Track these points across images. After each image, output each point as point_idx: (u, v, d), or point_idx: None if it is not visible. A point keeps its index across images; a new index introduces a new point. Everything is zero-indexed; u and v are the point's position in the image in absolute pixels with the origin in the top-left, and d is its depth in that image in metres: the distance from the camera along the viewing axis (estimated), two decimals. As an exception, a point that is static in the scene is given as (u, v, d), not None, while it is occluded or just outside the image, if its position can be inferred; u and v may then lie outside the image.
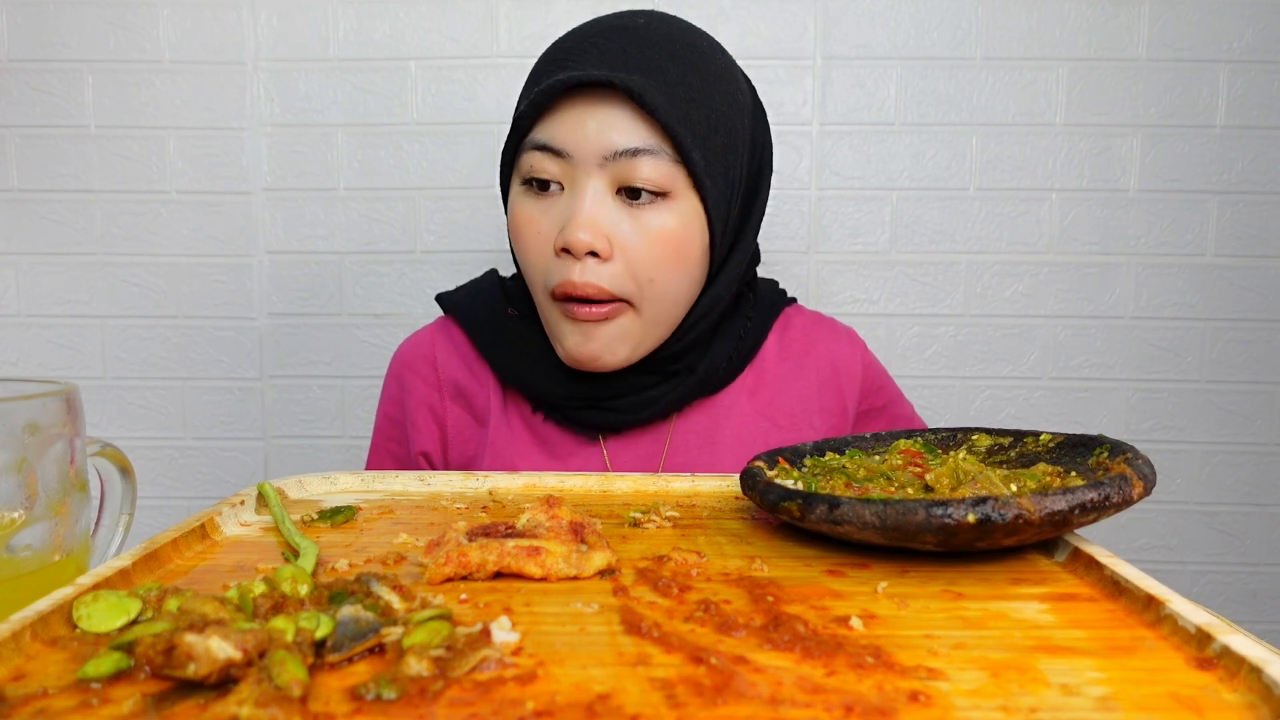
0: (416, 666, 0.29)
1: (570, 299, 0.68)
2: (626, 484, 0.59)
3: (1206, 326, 1.21)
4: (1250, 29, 1.16)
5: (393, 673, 0.29)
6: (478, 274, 0.86)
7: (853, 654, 0.31)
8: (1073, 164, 1.19)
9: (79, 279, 1.22)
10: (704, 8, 1.18)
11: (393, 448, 0.83)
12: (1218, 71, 1.17)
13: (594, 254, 0.66)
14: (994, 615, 0.36)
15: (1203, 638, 0.31)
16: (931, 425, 1.14)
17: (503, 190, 0.74)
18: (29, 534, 0.40)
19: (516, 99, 1.18)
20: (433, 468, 0.81)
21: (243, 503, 0.51)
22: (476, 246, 1.21)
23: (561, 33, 1.19)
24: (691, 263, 0.69)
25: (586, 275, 0.66)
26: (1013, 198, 1.20)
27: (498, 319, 0.79)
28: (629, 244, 0.67)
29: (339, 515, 0.50)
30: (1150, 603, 0.35)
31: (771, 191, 1.08)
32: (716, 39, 0.72)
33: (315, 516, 0.50)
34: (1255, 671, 0.28)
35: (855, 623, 0.34)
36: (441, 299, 0.84)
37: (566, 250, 0.66)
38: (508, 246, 1.19)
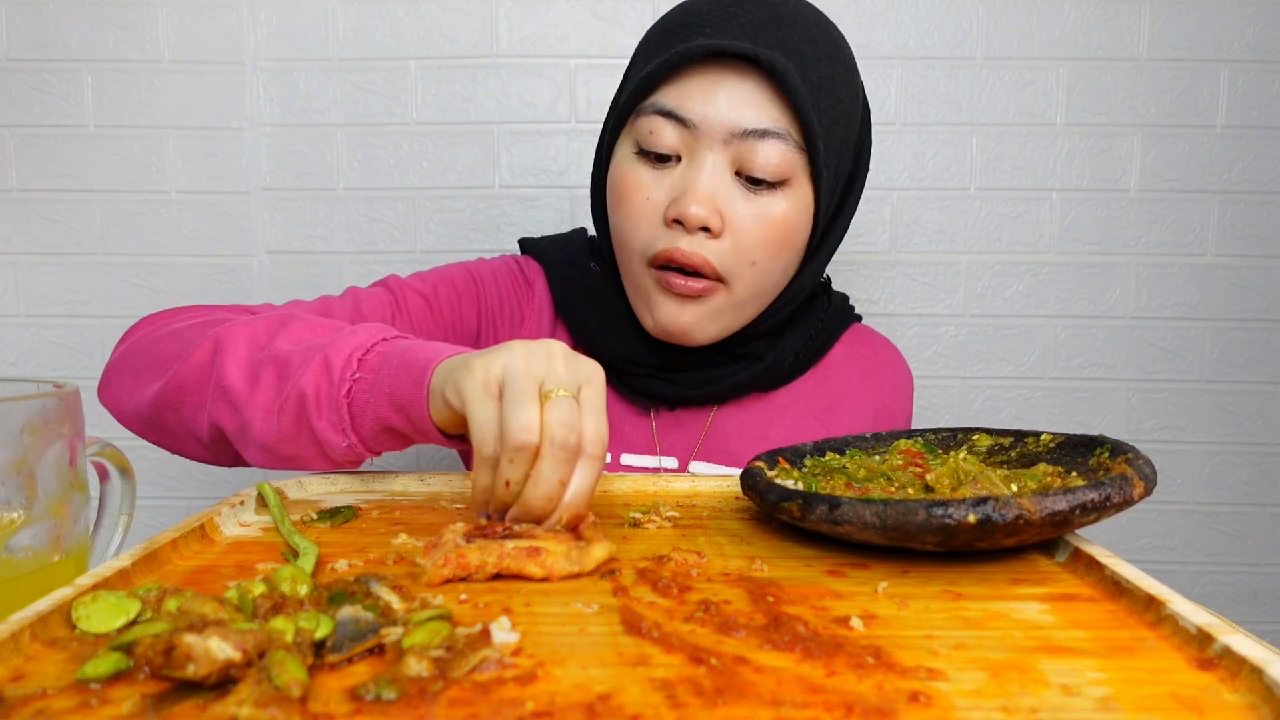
0: (416, 667, 0.29)
1: (669, 267, 0.66)
2: (626, 484, 0.59)
3: (1207, 326, 1.21)
4: (1250, 29, 1.16)
5: (393, 673, 0.29)
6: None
7: (853, 654, 0.31)
8: (1073, 164, 1.19)
9: (79, 279, 1.22)
10: (704, 8, 1.18)
11: (443, 295, 0.77)
12: (1218, 71, 1.17)
13: (705, 229, 0.65)
14: (994, 615, 0.35)
15: (1204, 638, 0.31)
16: (931, 425, 1.14)
17: (602, 147, 0.72)
18: (29, 534, 0.40)
19: (515, 98, 1.19)
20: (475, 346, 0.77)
21: (242, 503, 0.51)
22: (476, 246, 1.21)
23: (564, 31, 1.19)
24: (794, 251, 0.69)
25: (695, 247, 0.65)
26: (1013, 198, 1.20)
27: (579, 273, 0.77)
28: (740, 224, 0.65)
29: (339, 515, 0.50)
30: (1151, 603, 0.35)
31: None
32: None
33: (315, 516, 0.50)
34: (1256, 672, 0.28)
35: (855, 623, 0.34)
36: (526, 243, 0.83)
37: (678, 221, 0.65)
38: (515, 242, 1.19)
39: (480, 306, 0.79)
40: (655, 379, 0.74)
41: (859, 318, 0.86)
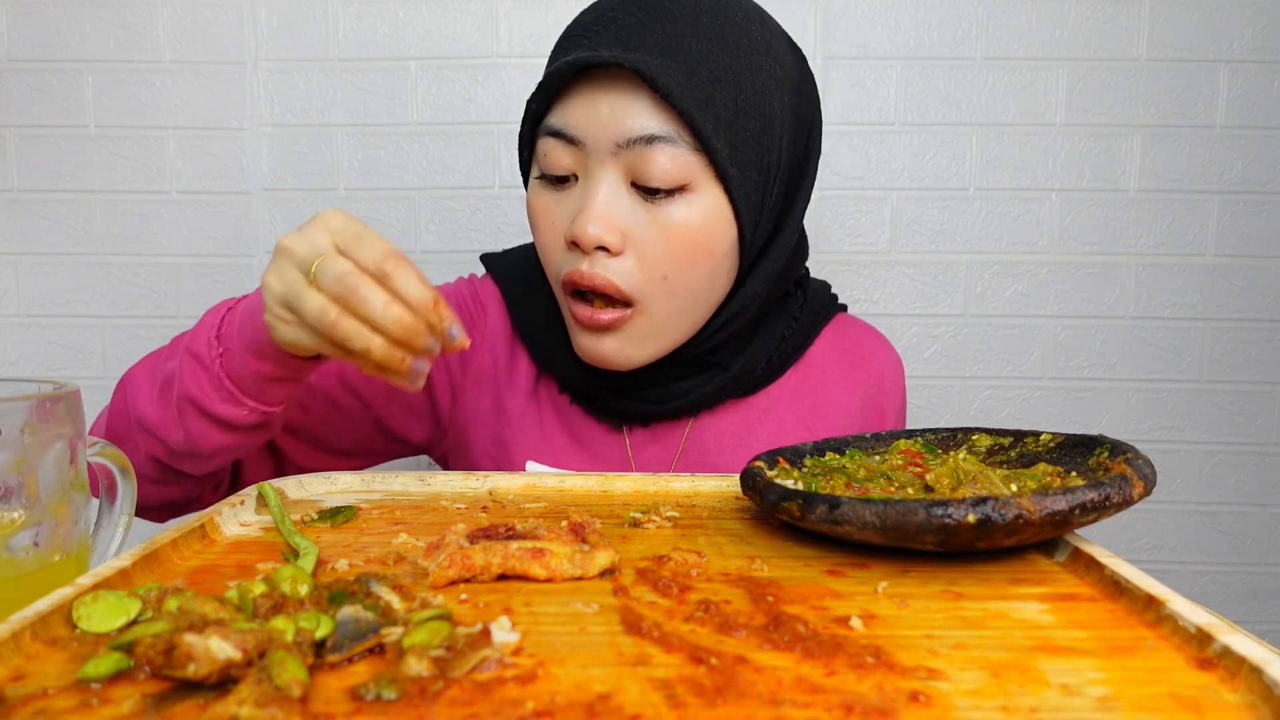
0: (416, 666, 0.29)
1: (579, 294, 0.65)
2: (626, 484, 0.59)
3: (1206, 326, 1.21)
4: (1250, 29, 1.16)
5: (393, 673, 0.29)
6: (479, 273, 0.86)
7: (853, 654, 0.31)
8: (1073, 164, 1.19)
9: (79, 279, 1.22)
10: (704, 8, 1.18)
11: None
12: (1218, 71, 1.17)
13: (604, 249, 0.62)
14: (994, 615, 0.36)
15: (1203, 638, 0.31)
16: (931, 425, 1.14)
17: (523, 175, 0.71)
18: (29, 534, 0.40)
19: (516, 98, 1.19)
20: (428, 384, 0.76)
21: (243, 503, 0.51)
22: (476, 246, 1.21)
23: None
24: (715, 260, 0.65)
25: (595, 268, 0.62)
26: (1013, 198, 1.20)
27: (535, 295, 0.75)
28: (643, 239, 0.63)
29: (339, 515, 0.50)
30: (1150, 603, 0.35)
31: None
32: (761, 6, 0.67)
33: (315, 516, 0.50)
34: (1256, 672, 0.28)
35: (855, 623, 0.34)
36: (488, 260, 0.81)
37: (576, 243, 0.63)
38: (511, 245, 1.19)
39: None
40: (621, 398, 0.72)
41: (843, 307, 0.83)
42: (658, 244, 0.63)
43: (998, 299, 1.22)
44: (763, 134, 0.64)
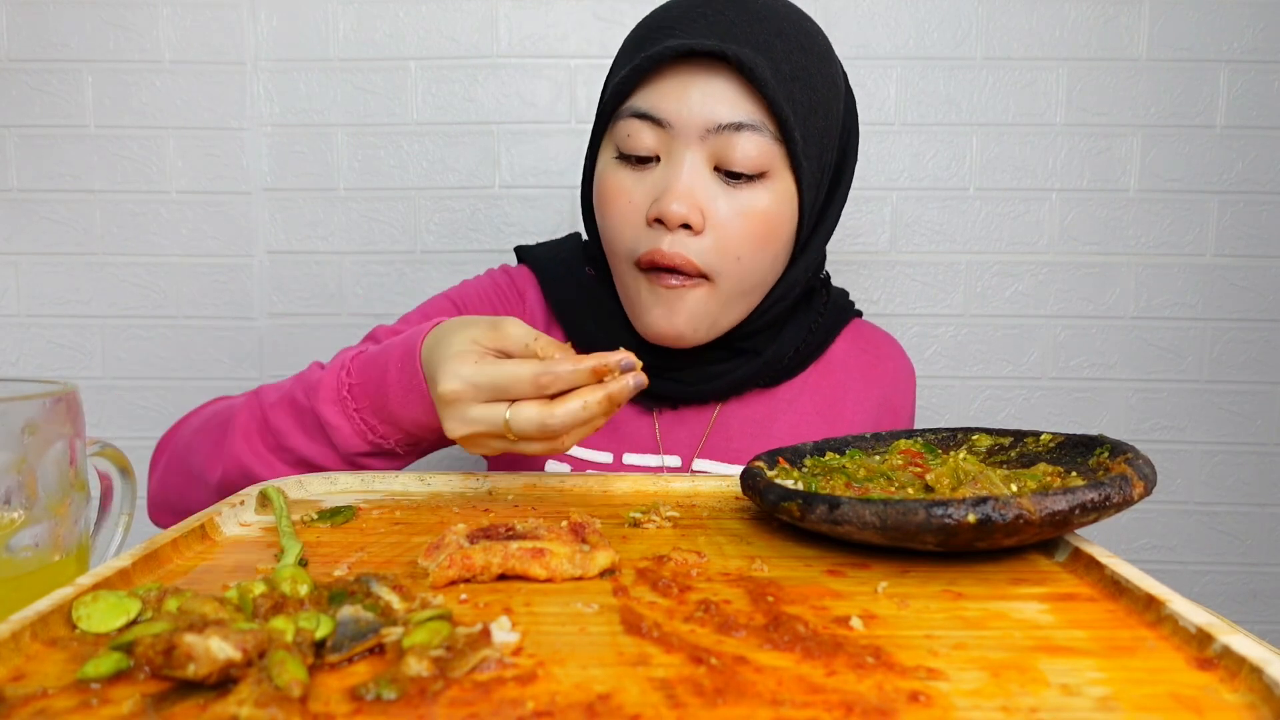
0: (416, 667, 0.29)
1: (656, 268, 0.67)
2: (626, 484, 0.59)
3: (1206, 326, 1.21)
4: (1250, 29, 1.16)
5: (393, 673, 0.29)
6: (479, 273, 0.86)
7: (853, 654, 0.31)
8: (1073, 164, 1.19)
9: (79, 279, 1.22)
10: (704, 8, 1.18)
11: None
12: (1218, 71, 1.17)
13: (686, 226, 0.65)
14: (994, 615, 0.36)
15: (1203, 638, 0.31)
16: (931, 425, 1.14)
17: (589, 155, 0.73)
18: (29, 534, 0.40)
19: (516, 98, 1.19)
20: None
21: (242, 503, 0.51)
22: (476, 246, 1.21)
23: (564, 31, 1.19)
24: (779, 244, 0.69)
25: (675, 246, 0.65)
26: (1013, 198, 1.20)
27: (573, 277, 0.78)
28: (722, 219, 0.66)
29: (339, 515, 0.50)
30: (1151, 603, 0.35)
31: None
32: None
33: (315, 516, 0.50)
34: (1256, 672, 0.28)
35: (855, 623, 0.34)
36: (522, 251, 0.84)
37: (659, 221, 0.65)
38: (512, 246, 1.19)
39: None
40: (656, 378, 0.74)
41: (859, 313, 0.86)
42: (735, 225, 0.66)
43: (998, 299, 1.22)
44: (825, 133, 0.68)
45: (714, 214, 0.66)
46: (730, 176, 0.66)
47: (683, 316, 0.68)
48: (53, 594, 0.34)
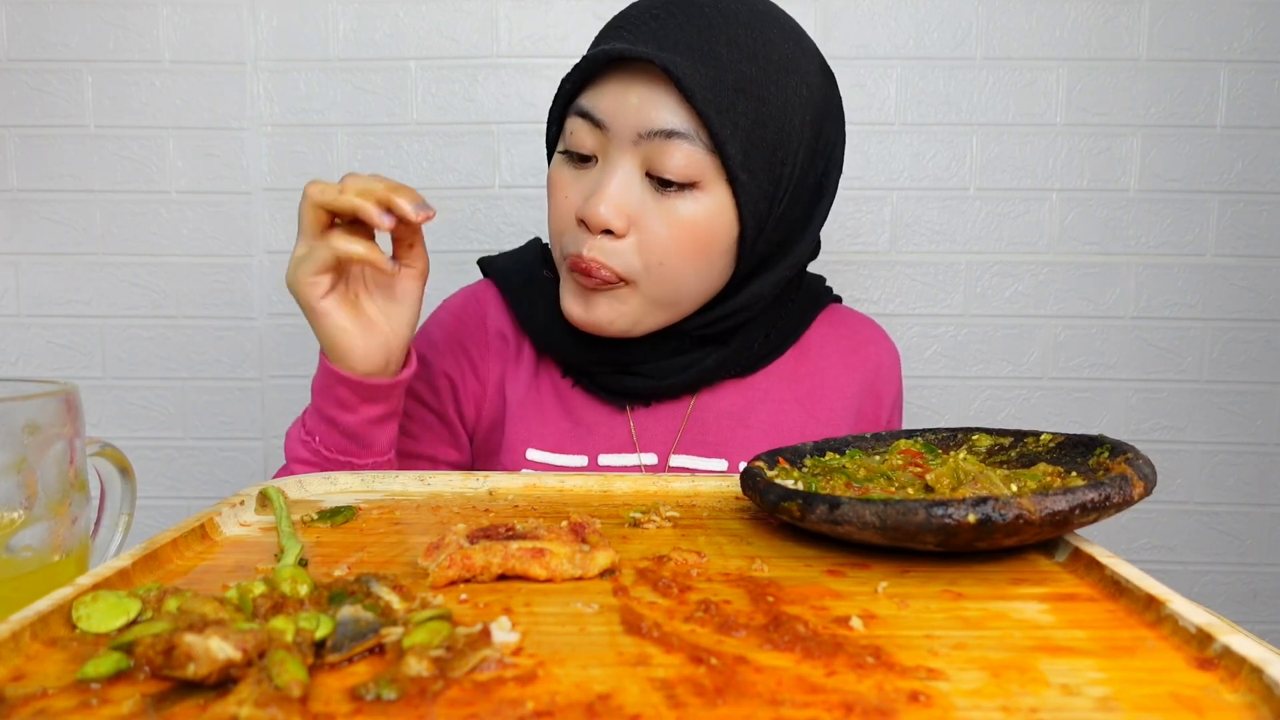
0: (416, 667, 0.29)
1: (578, 270, 0.68)
2: (626, 484, 0.59)
3: (1206, 326, 1.21)
4: (1250, 29, 1.16)
5: (393, 673, 0.29)
6: (479, 274, 0.87)
7: (853, 654, 0.31)
8: (1073, 164, 1.19)
9: (79, 279, 1.22)
10: (704, 8, 1.18)
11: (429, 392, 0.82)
12: (1218, 71, 1.17)
13: (608, 231, 0.66)
14: (994, 615, 0.35)
15: (1203, 638, 0.31)
16: (931, 425, 1.14)
17: (549, 152, 0.74)
18: (29, 534, 0.40)
19: (516, 98, 1.19)
20: (455, 400, 0.81)
21: (242, 503, 0.51)
22: (476, 247, 1.21)
23: (564, 31, 1.19)
24: (712, 255, 0.68)
25: (594, 251, 0.66)
26: (1013, 198, 1.20)
27: (533, 281, 0.79)
28: (647, 224, 0.66)
29: (339, 515, 0.50)
30: (1151, 603, 0.35)
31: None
32: (800, 28, 0.70)
33: (315, 516, 0.50)
34: (1256, 672, 0.28)
35: (855, 623, 0.34)
36: (483, 263, 0.84)
37: (583, 222, 0.66)
38: (511, 246, 1.20)
39: (449, 373, 0.80)
40: (624, 375, 0.75)
41: (838, 299, 0.85)
42: (660, 232, 0.66)
43: (998, 299, 1.22)
44: (779, 147, 0.67)
45: (639, 218, 0.66)
46: (661, 184, 0.65)
47: (600, 309, 0.69)
48: (53, 594, 0.34)
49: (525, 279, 0.79)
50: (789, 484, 0.49)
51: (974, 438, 0.56)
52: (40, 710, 0.27)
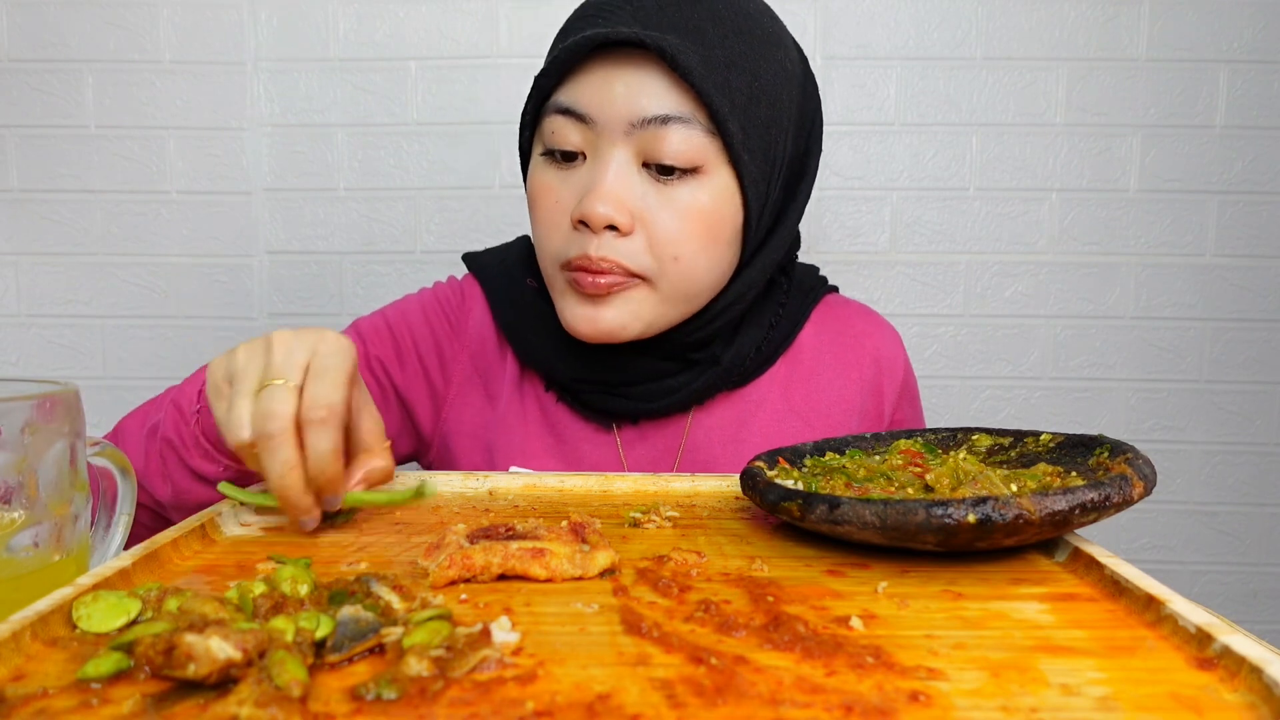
0: (416, 666, 0.29)
1: (582, 271, 0.63)
2: (626, 484, 0.59)
3: (1206, 326, 1.21)
4: (1250, 29, 1.16)
5: (393, 673, 0.29)
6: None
7: (853, 654, 0.31)
8: (1073, 164, 1.19)
9: (79, 279, 1.22)
10: (704, 8, 1.18)
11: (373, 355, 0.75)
12: (1218, 71, 1.17)
13: (613, 228, 0.61)
14: (994, 615, 0.36)
15: (1203, 638, 0.31)
16: (931, 425, 1.14)
17: (522, 156, 0.70)
18: (29, 534, 0.40)
19: (516, 98, 1.19)
20: (403, 408, 0.76)
21: (242, 503, 0.51)
22: (476, 247, 1.21)
23: (561, 33, 1.19)
24: (722, 243, 0.64)
25: (603, 250, 0.61)
26: (1013, 198, 1.20)
27: (518, 290, 0.74)
28: (653, 218, 0.61)
29: (339, 515, 0.50)
30: (1150, 603, 0.35)
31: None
32: (769, 5, 0.67)
33: (315, 516, 0.50)
34: (1255, 671, 0.28)
35: (855, 623, 0.34)
36: (470, 260, 0.79)
37: (584, 223, 0.61)
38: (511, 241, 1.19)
39: (415, 363, 0.76)
40: (609, 395, 0.71)
41: (834, 288, 0.80)
42: (669, 223, 0.62)
43: (998, 299, 1.22)
44: (772, 124, 0.63)
45: (644, 213, 0.61)
46: (661, 172, 0.61)
47: (609, 316, 0.63)
48: (53, 594, 0.34)
49: (509, 284, 0.75)
50: (789, 484, 0.49)
51: (974, 438, 0.56)
52: (40, 710, 0.27)
